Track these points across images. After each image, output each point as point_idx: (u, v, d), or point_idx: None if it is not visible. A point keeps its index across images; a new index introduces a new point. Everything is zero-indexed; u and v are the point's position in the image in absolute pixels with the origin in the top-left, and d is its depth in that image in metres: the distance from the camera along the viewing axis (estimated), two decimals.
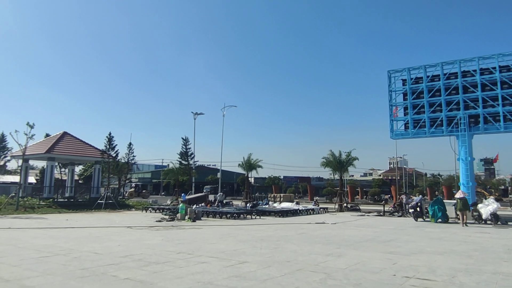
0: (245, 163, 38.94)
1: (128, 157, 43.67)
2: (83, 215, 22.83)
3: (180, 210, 20.06)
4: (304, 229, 15.91)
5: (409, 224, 19.22)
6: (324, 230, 15.89)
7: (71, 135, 35.71)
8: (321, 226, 17.55)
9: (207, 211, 22.84)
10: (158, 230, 14.75)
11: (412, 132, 27.35)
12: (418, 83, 27.74)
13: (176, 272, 7.04)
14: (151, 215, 23.33)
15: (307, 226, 17.44)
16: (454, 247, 11.24)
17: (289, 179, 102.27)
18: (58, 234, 13.02)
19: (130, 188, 74.17)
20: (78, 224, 16.71)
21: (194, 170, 43.94)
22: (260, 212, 24.15)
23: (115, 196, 36.93)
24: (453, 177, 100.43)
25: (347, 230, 16.09)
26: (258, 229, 15.85)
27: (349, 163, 33.92)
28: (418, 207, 22.24)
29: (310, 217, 23.70)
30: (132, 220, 19.49)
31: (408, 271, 7.54)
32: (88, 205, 29.61)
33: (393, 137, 28.39)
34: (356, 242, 11.91)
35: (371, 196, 70.75)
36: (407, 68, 28.09)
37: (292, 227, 17.01)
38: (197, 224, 17.63)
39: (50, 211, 25.39)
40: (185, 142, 39.75)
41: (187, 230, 14.96)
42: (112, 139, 31.09)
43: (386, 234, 14.57)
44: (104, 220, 19.23)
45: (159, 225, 17.08)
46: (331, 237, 13.17)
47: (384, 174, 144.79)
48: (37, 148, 33.30)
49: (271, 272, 7.17)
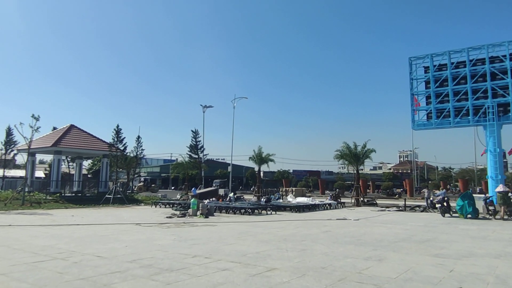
0: (256, 157, 37.65)
1: (136, 150, 42.78)
2: (90, 211, 21.80)
3: (192, 206, 18.89)
4: (327, 226, 14.60)
5: (438, 221, 17.80)
6: (349, 227, 14.57)
7: (78, 128, 34.72)
8: (344, 223, 16.22)
9: (219, 207, 21.66)
10: (169, 228, 13.58)
11: (436, 122, 25.81)
12: (441, 70, 26.13)
13: (194, 284, 5.80)
14: (161, 211, 22.22)
15: (329, 223, 16.13)
16: (507, 248, 9.85)
17: (298, 173, 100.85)
18: (61, 232, 11.90)
19: (139, 182, 73.55)
20: (84, 221, 15.61)
21: (204, 164, 42.81)
22: (275, 207, 22.90)
23: (124, 191, 36.05)
24: (466, 171, 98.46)
25: (374, 227, 14.75)
26: (277, 226, 14.59)
27: (365, 155, 32.39)
28: (445, 202, 20.78)
29: (328, 213, 22.39)
30: (141, 216, 18.37)
31: (475, 281, 6.19)
32: (96, 200, 28.67)
33: (415, 128, 26.86)
34: (392, 243, 10.57)
35: (384, 190, 69.21)
36: (430, 54, 26.47)
37: (313, 224, 15.71)
38: (210, 221, 16.43)
39: (56, 206, 24.44)
40: (194, 135, 38.55)
41: (200, 228, 13.75)
42: (120, 131, 29.99)
43: (419, 232, 13.20)
44: (111, 216, 18.13)
45: (170, 221, 15.91)
46: (360, 236, 11.85)
47: (394, 168, 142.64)
48: (43, 141, 32.39)
49: (309, 284, 5.88)
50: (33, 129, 25.78)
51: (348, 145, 31.97)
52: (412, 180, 66.69)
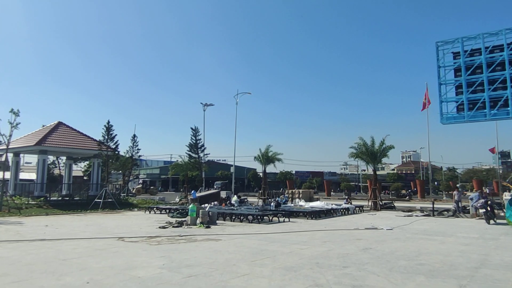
0: (262, 156, 34.50)
1: (132, 150, 39.72)
2: (73, 218, 18.74)
3: (190, 213, 15.76)
4: (362, 241, 11.47)
5: (490, 230, 14.68)
6: (391, 241, 11.44)
7: (67, 125, 31.66)
8: (380, 235, 13.09)
9: (223, 213, 18.54)
10: (159, 244, 10.48)
11: (468, 115, 22.63)
12: (473, 56, 22.98)
13: None
14: (155, 217, 19.13)
15: (360, 234, 13.01)
16: None
17: (301, 174, 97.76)
18: (10, 254, 8.81)
19: (138, 184, 70.58)
20: (55, 233, 12.53)
21: (205, 164, 39.66)
22: (287, 213, 19.74)
23: (118, 194, 33.02)
24: (473, 171, 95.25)
25: (422, 241, 11.62)
26: (298, 240, 11.47)
27: (383, 153, 29.27)
28: (489, 206, 17.67)
29: (349, 219, 19.27)
30: (130, 225, 15.28)
31: None
32: (85, 205, 25.65)
33: (444, 122, 23.65)
34: (472, 270, 7.45)
35: (394, 191, 66.14)
36: (460, 38, 23.30)
37: (341, 236, 12.60)
38: (213, 232, 13.34)
39: (38, 212, 21.44)
40: (194, 132, 35.42)
41: (200, 244, 10.65)
42: (111, 128, 26.79)
43: (488, 249, 10.09)
44: (93, 226, 15.03)
45: (163, 233, 12.81)
46: (417, 258, 8.73)
47: (398, 168, 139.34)
48: (27, 140, 29.35)
49: None
50: (12, 126, 22.70)
51: (364, 141, 28.82)
52: (423, 181, 63.66)
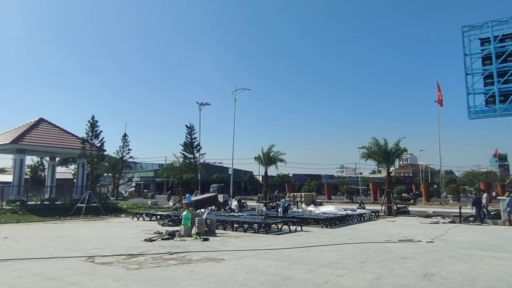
0: (264, 156, 31.72)
1: (122, 150, 36.72)
2: (46, 227, 15.85)
3: (184, 221, 12.89)
4: (410, 260, 8.68)
5: None
6: (451, 262, 8.66)
7: (49, 122, 28.71)
8: (425, 250, 10.30)
9: (223, 221, 15.72)
10: (140, 268, 7.65)
11: (500, 108, 20.06)
12: (505, 42, 20.46)
13: None
14: (143, 225, 16.27)
15: (400, 250, 10.23)
16: None
17: (298, 177, 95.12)
18: None
19: (131, 187, 67.54)
20: (8, 250, 9.67)
21: (201, 166, 36.73)
22: (298, 220, 16.95)
23: (106, 198, 30.13)
24: (473, 174, 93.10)
25: (486, 260, 8.86)
26: (326, 260, 8.68)
27: (397, 154, 26.71)
28: None
29: (370, 227, 16.52)
30: (109, 237, 12.42)
31: None
32: (67, 210, 22.78)
33: (472, 116, 21.05)
34: None
35: (397, 195, 63.59)
36: (490, 21, 20.75)
37: (377, 253, 9.81)
38: (212, 247, 10.51)
39: (9, 218, 18.60)
40: (190, 130, 32.49)
41: (196, 268, 7.83)
42: (95, 124, 23.81)
43: None
44: (63, 239, 12.14)
45: (148, 249, 9.97)
46: None
47: (395, 171, 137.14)
48: (3, 138, 26.38)
49: None
50: None
51: (377, 141, 26.19)
52: (428, 184, 61.14)
